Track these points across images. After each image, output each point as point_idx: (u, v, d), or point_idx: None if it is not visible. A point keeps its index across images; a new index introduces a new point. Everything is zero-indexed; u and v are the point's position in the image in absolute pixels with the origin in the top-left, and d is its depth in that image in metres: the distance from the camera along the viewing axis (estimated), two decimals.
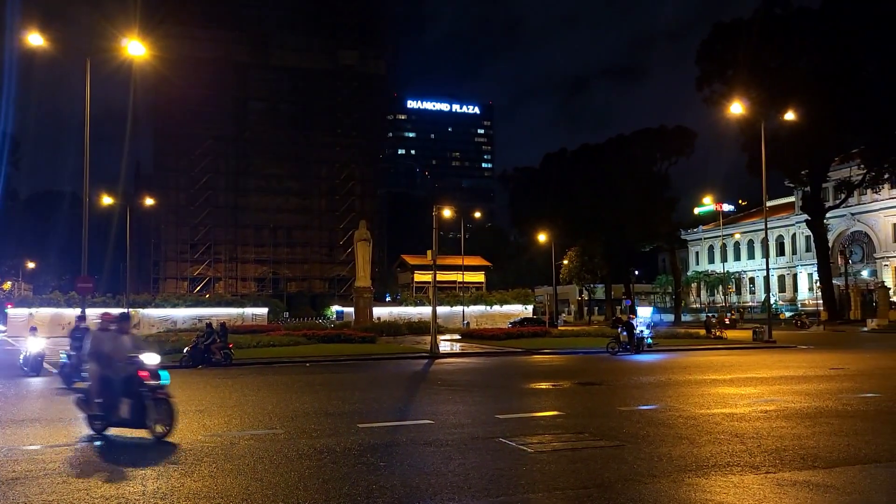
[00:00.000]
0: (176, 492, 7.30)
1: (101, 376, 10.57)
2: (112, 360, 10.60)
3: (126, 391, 10.31)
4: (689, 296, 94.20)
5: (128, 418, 10.27)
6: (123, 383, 10.37)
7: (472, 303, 55.28)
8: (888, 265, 75.14)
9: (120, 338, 10.91)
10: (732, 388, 16.36)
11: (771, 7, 54.65)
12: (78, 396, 11.03)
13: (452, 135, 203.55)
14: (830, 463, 8.33)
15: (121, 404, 10.30)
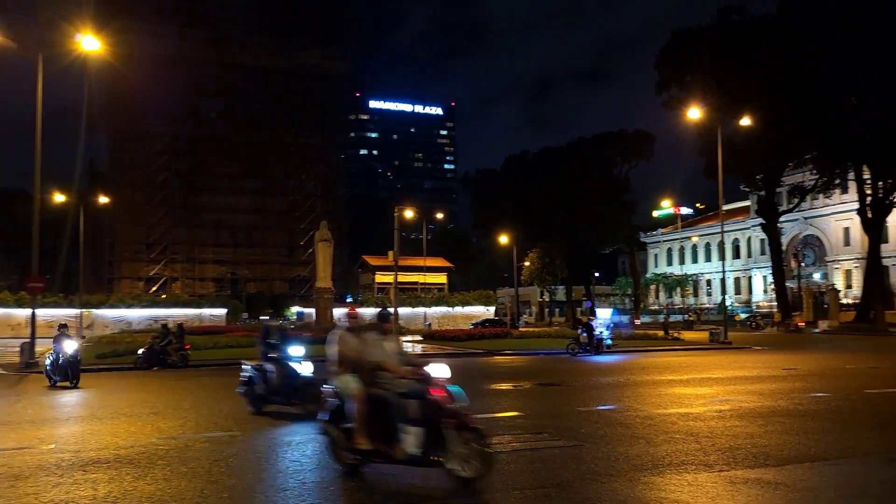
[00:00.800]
0: (128, 495, 7.13)
1: (371, 396, 7.73)
2: (380, 373, 7.87)
3: (415, 416, 7.46)
4: (649, 297, 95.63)
5: (416, 454, 7.36)
6: (410, 407, 7.52)
7: (434, 304, 55.26)
8: (838, 268, 77.23)
9: (384, 342, 8.15)
10: (688, 388, 16.63)
11: (728, 15, 55.73)
12: (323, 426, 8.27)
13: (415, 136, 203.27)
14: (781, 461, 8.51)
15: (405, 435, 7.41)
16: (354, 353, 8.11)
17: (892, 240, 69.74)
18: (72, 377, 17.56)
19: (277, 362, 12.76)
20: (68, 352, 17.71)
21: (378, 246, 72.32)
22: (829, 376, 19.13)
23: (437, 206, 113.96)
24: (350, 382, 7.89)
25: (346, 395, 7.90)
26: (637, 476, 7.87)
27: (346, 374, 8.03)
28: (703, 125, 51.52)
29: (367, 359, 7.95)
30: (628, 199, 75.68)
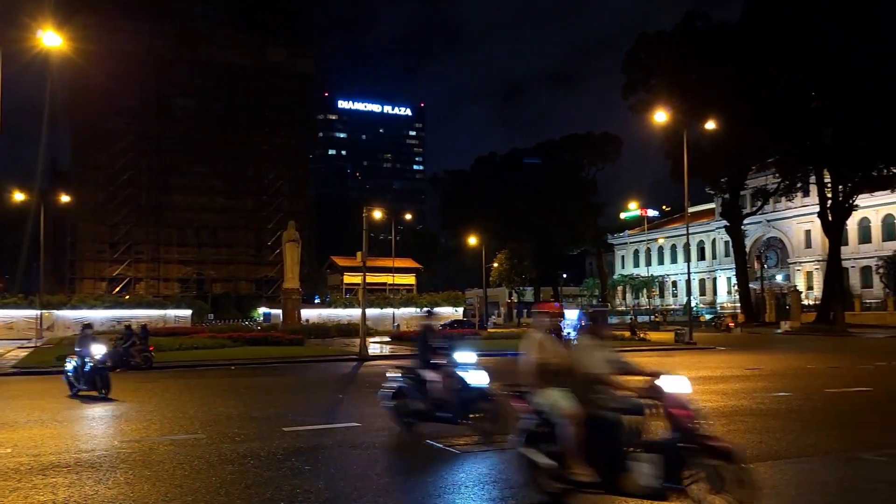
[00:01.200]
0: (89, 500, 6.99)
1: (591, 417, 6.32)
2: (597, 387, 6.45)
3: (650, 441, 6.15)
4: (616, 298, 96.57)
5: (655, 486, 5.98)
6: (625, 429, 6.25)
7: (403, 305, 55.17)
8: (800, 270, 78.78)
9: (598, 349, 6.80)
10: None
11: (692, 20, 56.62)
12: (521, 451, 6.84)
13: (384, 136, 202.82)
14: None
15: (637, 463, 6.08)
16: (561, 362, 6.84)
17: (851, 242, 71.34)
18: (101, 385, 15.43)
19: (443, 370, 10.40)
20: (96, 356, 15.74)
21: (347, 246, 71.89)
22: (791, 376, 19.49)
23: (405, 207, 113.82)
24: (561, 399, 6.53)
25: (555, 414, 6.52)
26: None
27: (552, 389, 6.69)
28: (668, 128, 52.23)
29: (581, 370, 6.57)
30: (596, 200, 76.46)
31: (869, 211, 69.66)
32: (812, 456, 8.93)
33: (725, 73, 51.06)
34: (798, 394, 15.30)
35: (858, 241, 73.49)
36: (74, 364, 16.12)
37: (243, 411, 13.21)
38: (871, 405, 14.06)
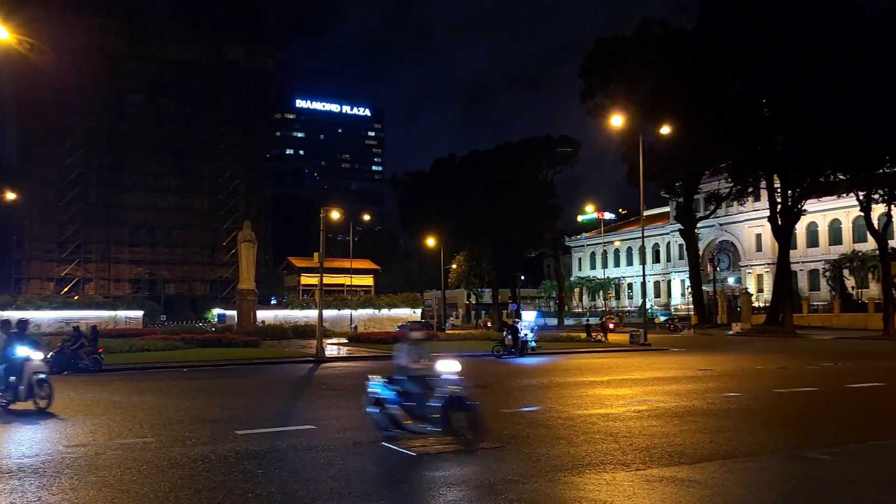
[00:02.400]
0: None
1: None
2: None
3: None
4: (573, 300, 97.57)
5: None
6: None
7: (361, 306, 54.84)
8: (751, 273, 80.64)
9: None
10: (609, 389, 17.01)
11: (649, 26, 57.50)
12: None
13: (342, 136, 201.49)
14: (695, 459, 8.79)
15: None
16: None
17: (800, 246, 73.27)
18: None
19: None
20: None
21: (304, 247, 71.20)
22: (741, 376, 19.91)
23: (364, 208, 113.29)
24: None
25: None
26: (557, 476, 7.99)
27: None
28: (625, 132, 52.92)
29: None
30: (554, 203, 76.99)
31: (817, 216, 71.65)
32: (760, 455, 9.12)
33: (680, 79, 51.98)
34: (748, 394, 15.64)
35: (807, 245, 75.56)
36: None
37: (195, 414, 12.97)
38: (817, 405, 14.45)
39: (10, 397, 13.44)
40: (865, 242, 61.26)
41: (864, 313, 54.65)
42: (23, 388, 13.21)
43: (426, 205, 74.26)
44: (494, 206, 68.19)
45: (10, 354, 13.56)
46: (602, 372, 21.67)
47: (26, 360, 13.35)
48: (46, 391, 13.30)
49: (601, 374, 20.78)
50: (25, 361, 13.33)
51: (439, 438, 10.21)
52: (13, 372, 13.37)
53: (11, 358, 13.50)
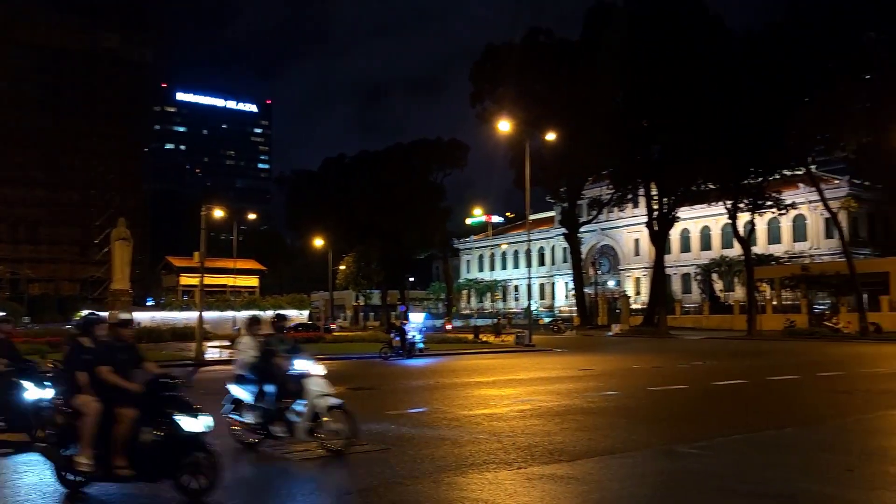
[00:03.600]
0: None
1: None
2: None
3: None
4: (461, 302, 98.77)
5: None
6: None
7: (244, 307, 53.13)
8: (630, 276, 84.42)
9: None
10: (494, 389, 17.25)
11: (536, 35, 59.11)
12: None
13: (227, 132, 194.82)
14: (574, 456, 9.01)
15: None
16: None
17: (674, 251, 77.36)
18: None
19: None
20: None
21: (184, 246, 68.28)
22: (619, 376, 20.71)
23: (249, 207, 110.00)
24: None
25: None
26: (441, 477, 7.97)
27: None
28: (512, 138, 54.09)
29: None
30: (443, 205, 77.66)
31: (689, 223, 75.88)
32: (635, 451, 9.47)
33: (565, 88, 53.66)
34: (624, 392, 16.27)
35: (680, 251, 79.90)
36: None
37: None
38: (687, 402, 15.21)
39: (282, 431, 9.25)
40: (732, 248, 65.25)
41: (730, 315, 58.05)
42: (301, 420, 9.15)
43: (315, 205, 73.13)
44: (384, 207, 68.02)
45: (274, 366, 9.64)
46: (488, 373, 21.97)
47: (304, 377, 9.35)
48: (342, 425, 9.18)
49: (487, 375, 21.06)
50: (303, 378, 9.34)
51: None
52: (287, 394, 9.37)
53: (279, 373, 9.53)
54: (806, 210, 66.45)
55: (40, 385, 9.67)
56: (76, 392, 7.11)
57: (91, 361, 7.20)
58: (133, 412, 6.92)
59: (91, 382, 7.10)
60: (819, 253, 66.13)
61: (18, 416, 9.59)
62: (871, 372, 21.47)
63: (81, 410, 6.95)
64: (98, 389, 7.07)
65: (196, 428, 6.99)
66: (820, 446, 9.89)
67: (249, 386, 9.81)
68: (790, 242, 70.70)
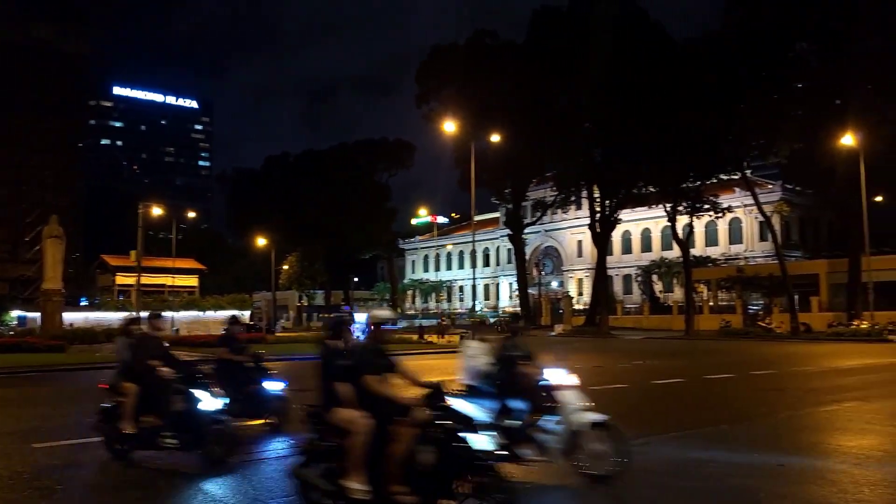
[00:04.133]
0: None
1: None
2: None
3: None
4: (406, 302, 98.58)
5: None
6: None
7: (183, 308, 52.02)
8: (572, 277, 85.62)
9: None
10: None
11: (482, 37, 59.50)
12: None
13: (167, 129, 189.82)
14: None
15: None
16: None
17: (615, 253, 78.77)
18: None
19: None
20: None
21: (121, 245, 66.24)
22: None
23: (189, 205, 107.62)
24: None
25: None
26: None
27: None
28: (458, 139, 54.35)
29: None
30: (389, 205, 77.56)
31: (631, 225, 77.38)
32: None
33: (510, 90, 54.13)
34: None
35: (622, 252, 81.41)
36: None
37: None
38: (627, 400, 15.47)
39: (532, 452, 7.87)
40: (672, 250, 66.84)
41: (669, 315, 59.53)
42: (556, 439, 7.84)
43: (258, 204, 72.01)
44: (329, 207, 67.44)
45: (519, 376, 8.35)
46: (432, 373, 21.88)
47: (557, 388, 8.26)
48: (606, 446, 7.69)
49: (430, 375, 20.89)
50: (555, 390, 8.21)
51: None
52: (537, 409, 8.09)
53: (527, 384, 8.27)
54: (741, 213, 68.55)
55: (212, 394, 8.56)
56: (334, 405, 6.02)
57: (354, 370, 6.11)
58: (414, 429, 5.70)
59: (355, 395, 6.01)
60: (754, 255, 68.28)
61: (191, 431, 8.25)
62: (801, 370, 22.26)
63: (349, 428, 5.82)
64: (365, 403, 5.93)
65: (484, 445, 5.91)
66: (753, 442, 10.18)
67: (485, 401, 8.00)
68: (726, 245, 72.78)
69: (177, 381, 8.57)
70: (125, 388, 8.81)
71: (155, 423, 8.48)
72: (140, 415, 8.63)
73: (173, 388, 8.51)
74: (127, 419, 8.62)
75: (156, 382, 8.59)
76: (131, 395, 8.71)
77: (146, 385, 8.72)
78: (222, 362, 10.70)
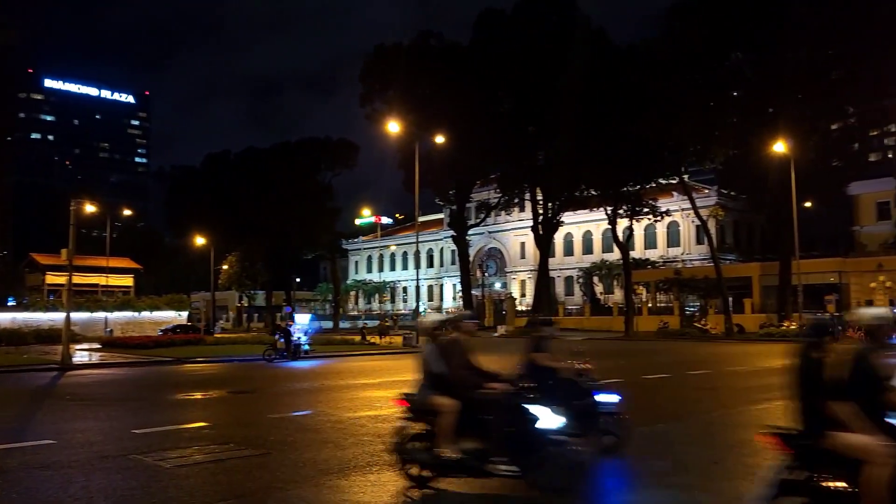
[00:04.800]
0: None
1: None
2: None
3: None
4: (349, 303, 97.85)
5: None
6: None
7: (118, 308, 50.61)
8: (516, 278, 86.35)
9: None
10: (380, 391, 17.15)
11: (426, 38, 59.48)
12: None
13: (101, 123, 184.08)
14: None
15: None
16: None
17: (558, 254, 79.73)
18: None
19: None
20: None
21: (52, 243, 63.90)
22: None
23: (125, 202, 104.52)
24: None
25: None
26: (323, 481, 7.82)
27: None
28: (402, 140, 54.16)
29: None
30: (332, 205, 76.68)
31: (573, 227, 78.46)
32: None
33: (454, 91, 54.23)
34: None
35: (564, 254, 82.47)
36: None
37: None
38: None
39: None
40: (612, 252, 67.96)
41: (609, 316, 60.53)
42: None
43: (197, 202, 70.30)
44: (271, 206, 66.31)
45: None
46: (374, 374, 21.86)
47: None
48: None
49: (373, 377, 20.94)
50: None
51: (200, 448, 9.60)
52: None
53: None
54: (679, 217, 70.24)
55: (554, 410, 7.35)
56: (828, 428, 4.99)
57: (879, 384, 4.96)
58: None
59: None
60: (691, 258, 70.05)
61: (528, 455, 7.01)
62: (734, 370, 22.95)
63: (864, 458, 4.74)
64: None
65: None
66: (689, 440, 10.43)
67: None
68: (665, 248, 74.47)
69: (507, 395, 7.23)
70: (440, 404, 7.20)
71: (478, 446, 7.08)
72: (458, 436, 7.17)
73: (505, 404, 7.12)
74: (446, 441, 7.12)
75: (479, 397, 7.19)
76: (449, 412, 7.14)
77: (467, 400, 7.19)
78: (544, 371, 9.04)
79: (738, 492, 7.36)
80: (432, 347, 7.58)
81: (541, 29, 50.55)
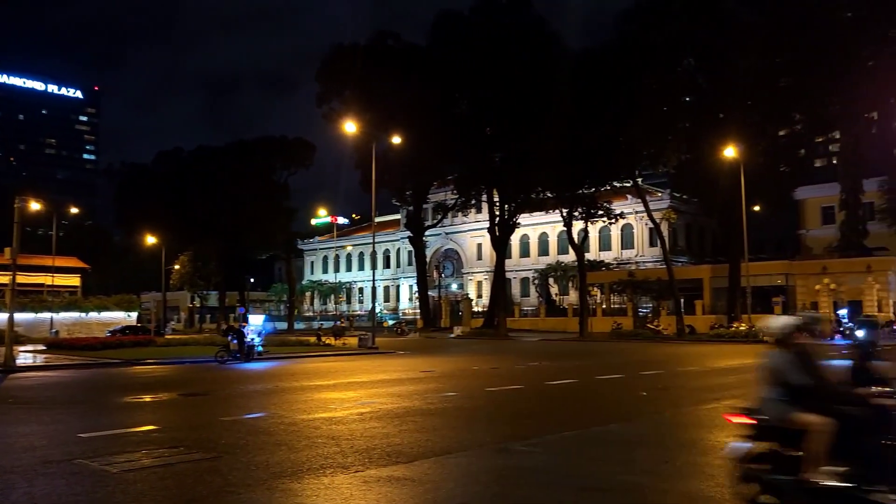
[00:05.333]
0: None
1: None
2: None
3: None
4: (304, 304, 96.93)
5: None
6: None
7: (64, 309, 49.24)
8: (472, 279, 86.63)
9: None
10: (335, 392, 17.03)
11: (384, 38, 59.32)
12: None
13: (47, 119, 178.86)
14: (412, 457, 9.05)
15: None
16: None
17: (514, 256, 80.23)
18: None
19: None
20: None
21: None
22: (459, 377, 21.14)
23: (72, 200, 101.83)
24: None
25: None
26: (276, 484, 7.72)
27: None
28: (359, 140, 53.90)
29: None
30: (288, 205, 75.82)
31: (529, 229, 79.06)
32: (470, 449, 9.67)
33: (413, 93, 54.17)
34: (463, 393, 16.61)
35: (520, 255, 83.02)
36: None
37: None
38: (522, 401, 15.78)
39: None
40: (568, 254, 68.73)
41: (565, 317, 61.19)
42: None
43: (147, 200, 68.72)
44: (224, 205, 65.27)
45: None
46: (329, 376, 21.69)
47: None
48: None
49: (328, 378, 20.77)
50: None
51: (148, 452, 9.40)
52: None
53: None
54: (633, 220, 71.32)
55: None
56: None
57: None
58: None
59: None
60: (644, 260, 71.20)
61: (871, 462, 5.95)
62: (685, 370, 23.39)
63: None
64: None
65: None
66: (640, 440, 10.59)
67: None
68: (619, 250, 75.55)
69: None
70: (809, 422, 6.09)
71: (850, 470, 5.98)
72: None
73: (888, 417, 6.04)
74: (816, 465, 6.05)
75: (854, 412, 6.09)
76: (822, 432, 6.03)
77: (839, 416, 6.07)
78: None
79: (688, 491, 7.50)
80: (787, 355, 6.51)
81: (497, 32, 50.80)
